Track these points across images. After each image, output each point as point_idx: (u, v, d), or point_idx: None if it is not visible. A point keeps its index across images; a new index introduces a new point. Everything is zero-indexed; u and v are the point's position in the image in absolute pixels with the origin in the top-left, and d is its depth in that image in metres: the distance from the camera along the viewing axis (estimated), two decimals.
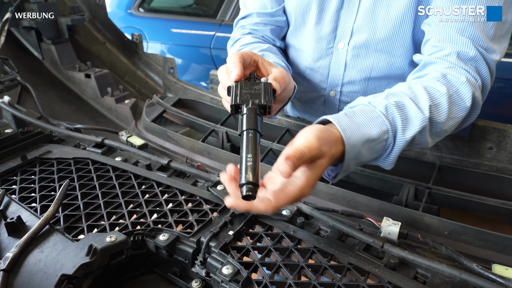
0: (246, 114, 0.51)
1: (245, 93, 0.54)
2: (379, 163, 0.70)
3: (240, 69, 0.56)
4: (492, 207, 0.75)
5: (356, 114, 0.63)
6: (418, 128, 0.65)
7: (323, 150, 0.52)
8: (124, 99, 1.29)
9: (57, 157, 0.92)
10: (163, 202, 0.78)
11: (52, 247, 0.64)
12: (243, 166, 0.47)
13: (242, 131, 0.51)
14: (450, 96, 0.69)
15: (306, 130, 0.54)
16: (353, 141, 0.58)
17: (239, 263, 0.59)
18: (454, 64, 0.74)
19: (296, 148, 0.49)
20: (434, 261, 0.57)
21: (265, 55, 0.87)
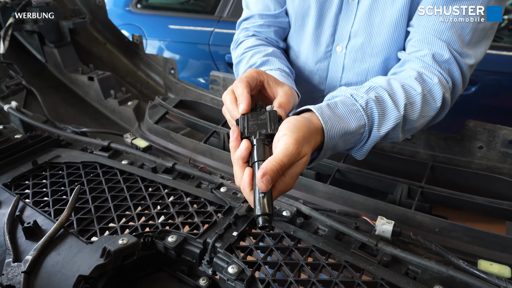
0: (256, 146, 0.55)
1: (252, 124, 0.58)
2: (352, 153, 0.74)
3: (247, 102, 0.59)
4: (481, 205, 0.80)
5: (338, 105, 0.66)
6: (392, 125, 0.69)
7: (304, 151, 0.54)
8: (127, 101, 1.33)
9: (66, 161, 0.96)
10: (169, 204, 0.82)
11: (68, 250, 0.69)
12: (256, 197, 0.50)
13: (253, 163, 0.54)
14: (424, 95, 0.74)
15: (285, 132, 0.54)
16: (332, 133, 0.62)
17: (243, 263, 0.64)
18: (429, 65, 0.78)
19: (275, 159, 0.51)
20: (424, 259, 0.62)
21: (269, 60, 0.89)
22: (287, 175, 0.52)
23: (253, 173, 0.53)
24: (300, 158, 0.54)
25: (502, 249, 0.71)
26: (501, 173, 0.93)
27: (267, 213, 0.49)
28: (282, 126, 0.56)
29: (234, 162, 0.56)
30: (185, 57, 2.78)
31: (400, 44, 0.89)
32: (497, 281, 0.56)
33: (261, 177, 0.49)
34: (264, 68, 0.86)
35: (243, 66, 0.95)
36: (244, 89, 0.60)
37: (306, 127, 0.57)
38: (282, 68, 0.86)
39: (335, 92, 0.72)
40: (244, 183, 0.53)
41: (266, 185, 0.49)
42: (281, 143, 0.53)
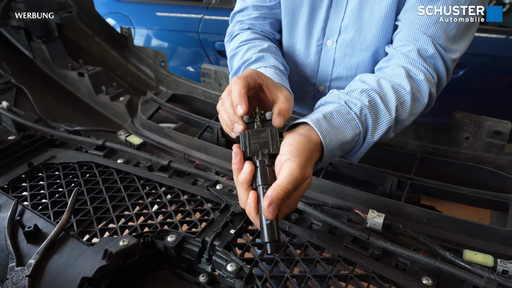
0: (259, 168, 0.55)
1: (253, 143, 0.57)
2: (347, 158, 0.76)
3: (246, 105, 0.58)
4: (467, 196, 0.83)
5: (333, 116, 0.66)
6: (385, 129, 0.71)
7: (307, 174, 0.55)
8: (119, 96, 1.32)
9: (62, 162, 0.97)
10: (167, 203, 0.84)
11: (70, 252, 0.71)
12: (264, 224, 0.51)
13: (257, 186, 0.54)
14: (413, 93, 0.75)
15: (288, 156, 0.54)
16: (331, 147, 0.63)
17: (241, 260, 0.66)
18: (415, 61, 0.79)
19: (280, 187, 0.51)
20: (413, 251, 0.65)
21: (264, 56, 0.89)
22: (291, 197, 0.53)
23: (257, 196, 0.53)
24: (304, 181, 0.54)
25: (486, 238, 0.75)
26: (486, 162, 0.97)
27: (275, 240, 0.50)
28: (284, 149, 0.56)
29: (238, 185, 0.56)
30: (173, 45, 2.75)
31: (389, 39, 0.90)
32: (481, 271, 0.60)
33: (267, 207, 0.50)
34: (259, 64, 0.86)
35: (237, 60, 0.95)
36: (242, 89, 0.59)
37: (308, 148, 0.57)
38: (277, 65, 0.86)
39: (327, 97, 0.73)
40: (250, 208, 0.53)
41: (273, 214, 0.50)
42: (285, 169, 0.53)
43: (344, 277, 0.64)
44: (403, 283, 0.61)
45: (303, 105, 1.16)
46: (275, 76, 0.77)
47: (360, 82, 0.76)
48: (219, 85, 1.38)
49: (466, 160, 0.98)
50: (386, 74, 0.79)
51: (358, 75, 0.82)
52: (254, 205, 0.53)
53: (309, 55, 1.02)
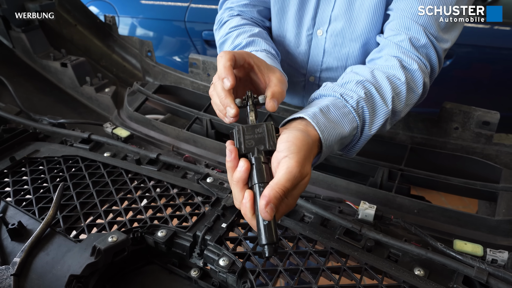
0: (255, 165, 0.52)
1: (248, 139, 0.54)
2: (344, 152, 0.75)
3: (232, 77, 0.55)
4: (456, 186, 0.84)
5: (330, 110, 0.64)
6: (382, 121, 0.70)
7: (306, 171, 0.52)
8: (104, 88, 1.28)
9: (46, 156, 0.94)
10: (156, 197, 0.82)
11: (57, 249, 0.68)
12: (261, 225, 0.48)
13: (253, 184, 0.51)
14: (408, 83, 0.75)
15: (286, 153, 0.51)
16: (329, 142, 0.61)
17: (233, 254, 0.66)
18: (407, 50, 0.78)
19: (278, 185, 0.48)
20: (405, 243, 0.66)
21: (255, 41, 0.87)
22: (289, 196, 0.51)
23: (254, 196, 0.51)
24: (303, 178, 0.52)
25: (475, 227, 0.76)
26: (474, 153, 0.98)
27: (273, 242, 0.48)
28: (282, 145, 0.53)
29: (233, 184, 0.53)
30: (159, 34, 2.68)
31: (379, 29, 0.89)
32: (471, 261, 0.60)
33: (264, 207, 0.47)
34: (250, 49, 0.84)
35: (227, 46, 0.92)
36: (227, 61, 0.56)
37: (306, 144, 0.54)
38: (268, 49, 0.84)
39: (321, 90, 0.71)
40: (245, 208, 0.50)
41: (271, 214, 0.47)
42: (283, 167, 0.50)
43: (337, 270, 0.64)
44: (395, 274, 0.61)
45: (293, 95, 1.15)
46: (267, 60, 0.75)
47: (353, 73, 0.75)
48: (208, 76, 1.35)
49: (455, 150, 0.99)
50: (379, 65, 0.78)
51: (349, 67, 0.81)
52: (250, 205, 0.50)
53: (299, 44, 1.00)
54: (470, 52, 2.23)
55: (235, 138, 0.56)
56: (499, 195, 0.80)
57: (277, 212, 0.49)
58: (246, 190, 0.52)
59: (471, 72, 2.30)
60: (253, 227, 0.51)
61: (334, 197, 0.82)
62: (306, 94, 1.12)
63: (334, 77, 1.03)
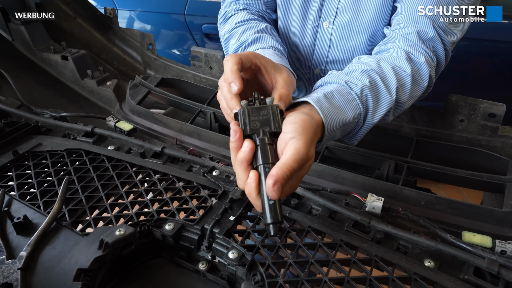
0: (260, 146, 0.51)
1: (253, 120, 0.54)
2: (346, 140, 0.75)
3: (239, 81, 0.55)
4: (462, 178, 0.84)
5: (334, 96, 0.64)
6: (385, 111, 0.70)
7: (311, 153, 0.52)
8: (106, 81, 1.27)
9: (49, 150, 0.93)
10: (162, 190, 0.81)
11: (64, 243, 0.68)
12: (266, 205, 0.48)
13: (258, 165, 0.51)
14: (413, 76, 0.74)
15: (293, 135, 0.51)
16: (332, 126, 0.61)
17: (242, 247, 0.65)
18: (414, 43, 0.78)
19: (285, 165, 0.48)
20: (414, 234, 0.66)
21: (262, 37, 0.86)
22: (294, 177, 0.51)
23: (259, 176, 0.50)
24: (308, 160, 0.52)
25: (483, 219, 0.76)
26: (479, 145, 0.97)
27: (278, 221, 0.48)
28: (288, 127, 0.53)
29: (237, 164, 0.52)
30: (158, 28, 2.66)
31: (387, 21, 0.89)
32: (482, 252, 0.60)
33: (272, 186, 0.47)
34: (257, 46, 0.83)
35: (233, 42, 0.91)
36: (234, 65, 0.55)
37: (312, 127, 0.54)
38: (275, 46, 0.83)
39: (327, 78, 0.71)
40: (250, 188, 0.50)
41: (278, 193, 0.47)
42: (290, 147, 0.50)
43: (347, 262, 0.63)
44: (405, 265, 0.61)
45: (298, 88, 1.14)
46: (274, 57, 0.74)
47: (360, 63, 0.75)
48: (210, 69, 1.34)
49: (460, 142, 0.99)
50: (385, 56, 0.78)
51: (356, 57, 0.81)
52: (255, 185, 0.50)
53: (304, 37, 0.99)
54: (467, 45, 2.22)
55: (240, 119, 0.55)
56: (506, 187, 0.80)
57: (282, 193, 0.49)
58: (250, 170, 0.51)
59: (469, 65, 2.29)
60: (257, 207, 0.51)
61: (341, 189, 0.82)
62: (311, 87, 1.10)
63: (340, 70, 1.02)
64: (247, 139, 0.53)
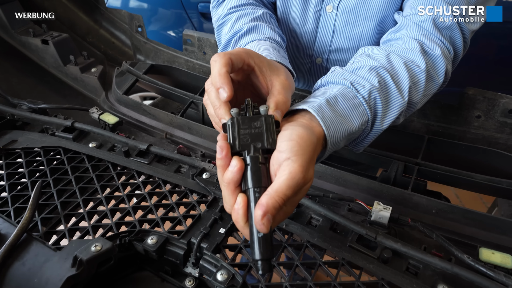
0: (250, 166, 0.44)
1: (244, 134, 0.45)
2: (351, 147, 0.67)
3: (229, 86, 0.46)
4: (479, 183, 0.76)
5: (338, 101, 0.55)
6: (396, 115, 0.61)
7: (309, 175, 0.44)
8: (90, 67, 1.17)
9: (24, 147, 0.85)
10: (146, 195, 0.74)
11: (34, 259, 0.61)
12: (255, 237, 0.41)
13: (247, 188, 0.43)
14: (428, 71, 0.65)
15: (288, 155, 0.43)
16: (335, 139, 0.52)
17: (233, 266, 0.58)
18: (429, 32, 0.68)
19: (277, 193, 0.41)
20: (426, 254, 0.58)
21: (258, 26, 0.75)
22: (288, 203, 0.43)
23: (247, 201, 0.43)
24: (305, 184, 0.44)
25: (501, 231, 0.69)
26: (496, 143, 0.89)
27: (269, 257, 0.41)
28: (283, 144, 0.44)
29: (223, 185, 0.45)
30: (154, 6, 2.51)
31: (398, 5, 0.78)
32: (505, 279, 0.53)
33: (261, 218, 0.39)
34: (252, 37, 0.72)
35: (226, 31, 0.81)
36: (223, 67, 0.46)
37: (311, 144, 0.46)
38: (273, 37, 0.73)
39: (329, 76, 0.61)
40: (237, 215, 0.43)
41: (267, 227, 0.40)
42: (284, 171, 0.42)
43: (350, 286, 0.56)
44: None
45: (298, 78, 1.05)
46: (271, 52, 0.65)
47: (366, 57, 0.65)
48: (203, 54, 1.24)
49: (475, 140, 0.90)
50: (396, 47, 0.68)
51: (361, 48, 0.71)
52: (243, 212, 0.43)
53: (305, 22, 0.89)
54: None
55: (228, 132, 0.46)
56: None
57: (273, 221, 0.41)
58: (238, 193, 0.44)
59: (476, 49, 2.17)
60: (245, 236, 0.44)
61: (345, 196, 0.74)
62: (312, 77, 1.01)
63: (344, 59, 0.92)
64: (235, 156, 0.45)
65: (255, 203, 0.41)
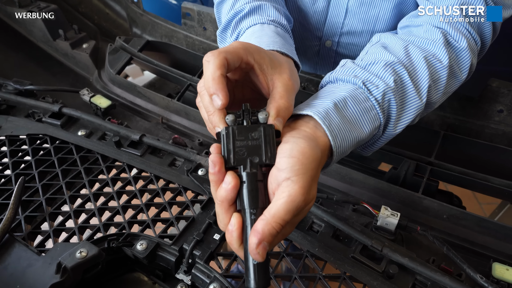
0: (246, 184, 0.39)
1: (239, 146, 0.40)
2: (358, 150, 0.61)
3: (224, 93, 0.40)
4: (496, 188, 0.70)
5: (348, 105, 0.48)
6: (411, 118, 0.54)
7: (312, 195, 0.40)
8: (81, 43, 1.09)
9: (9, 135, 0.79)
10: (137, 193, 0.69)
11: (16, 263, 0.57)
12: (249, 264, 0.38)
13: (244, 209, 0.39)
14: (450, 67, 0.57)
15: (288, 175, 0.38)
16: (342, 149, 0.47)
17: (226, 278, 0.54)
18: (456, 20, 0.59)
19: (275, 218, 0.37)
20: (436, 272, 0.54)
21: (262, 6, 0.66)
22: (287, 225, 0.39)
23: (243, 223, 0.39)
24: (307, 205, 0.39)
25: None
26: None
27: (265, 286, 0.38)
28: (283, 161, 0.39)
29: (217, 203, 0.41)
30: None
31: None
32: None
33: (256, 247, 0.36)
34: (254, 19, 0.63)
35: (226, 9, 0.72)
36: (217, 70, 0.40)
37: (315, 161, 0.40)
38: (278, 19, 0.64)
39: (339, 72, 0.53)
40: (231, 237, 0.39)
41: (263, 255, 0.36)
42: (283, 193, 0.37)
43: None
44: None
45: (305, 61, 0.96)
46: (275, 39, 0.57)
47: (382, 48, 0.57)
48: (204, 30, 1.15)
49: (495, 135, 0.83)
50: (416, 37, 0.59)
51: (377, 34, 0.63)
52: (237, 234, 0.39)
53: (315, 1, 0.80)
54: None
55: (223, 144, 0.41)
56: None
57: (270, 246, 0.38)
58: (233, 212, 0.40)
59: None
60: (240, 256, 0.41)
61: (349, 198, 0.69)
62: (320, 61, 0.93)
63: (356, 43, 0.83)
64: (230, 172, 0.40)
65: (251, 226, 0.38)
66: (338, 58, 0.89)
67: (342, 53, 0.87)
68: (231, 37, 0.66)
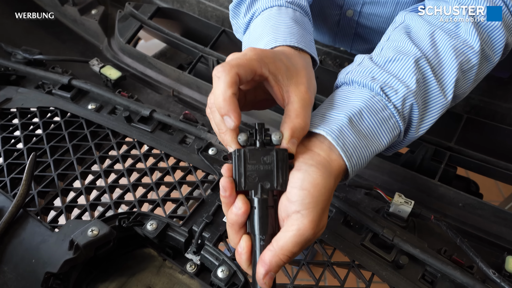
0: (257, 210, 0.40)
1: (251, 170, 0.40)
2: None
3: (236, 114, 0.37)
4: None
5: (363, 117, 0.44)
6: (435, 119, 0.50)
7: (321, 226, 0.39)
8: (90, 9, 1.05)
9: (20, 107, 0.79)
10: (148, 171, 0.69)
11: (31, 239, 0.59)
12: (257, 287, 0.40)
13: (253, 234, 0.40)
14: (482, 51, 0.51)
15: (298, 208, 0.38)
16: (358, 167, 0.44)
17: (234, 262, 0.55)
18: None
19: (283, 250, 0.37)
20: (448, 266, 0.53)
21: None
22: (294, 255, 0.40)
23: (252, 246, 0.40)
24: (316, 236, 0.39)
25: None
26: None
27: None
28: (294, 193, 0.38)
29: (228, 224, 0.41)
30: None
31: None
32: None
33: (263, 277, 0.38)
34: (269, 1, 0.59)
35: None
36: (228, 89, 0.37)
37: (327, 192, 0.39)
38: (297, 0, 0.59)
39: (354, 73, 0.49)
40: (241, 259, 0.41)
41: (269, 284, 0.38)
42: (293, 225, 0.38)
43: None
44: None
45: (323, 32, 0.91)
46: (292, 30, 0.51)
47: (405, 34, 0.51)
48: None
49: None
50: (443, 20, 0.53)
51: (401, 13, 0.57)
52: (246, 257, 0.41)
53: None
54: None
55: (234, 166, 0.40)
56: None
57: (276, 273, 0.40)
58: (243, 233, 0.41)
59: None
60: (249, 273, 0.43)
61: (363, 183, 0.68)
62: (340, 32, 0.88)
63: (379, 14, 0.77)
64: (241, 196, 0.40)
65: (260, 251, 0.40)
66: (359, 30, 0.84)
67: (363, 24, 0.81)
68: (244, 17, 0.61)
